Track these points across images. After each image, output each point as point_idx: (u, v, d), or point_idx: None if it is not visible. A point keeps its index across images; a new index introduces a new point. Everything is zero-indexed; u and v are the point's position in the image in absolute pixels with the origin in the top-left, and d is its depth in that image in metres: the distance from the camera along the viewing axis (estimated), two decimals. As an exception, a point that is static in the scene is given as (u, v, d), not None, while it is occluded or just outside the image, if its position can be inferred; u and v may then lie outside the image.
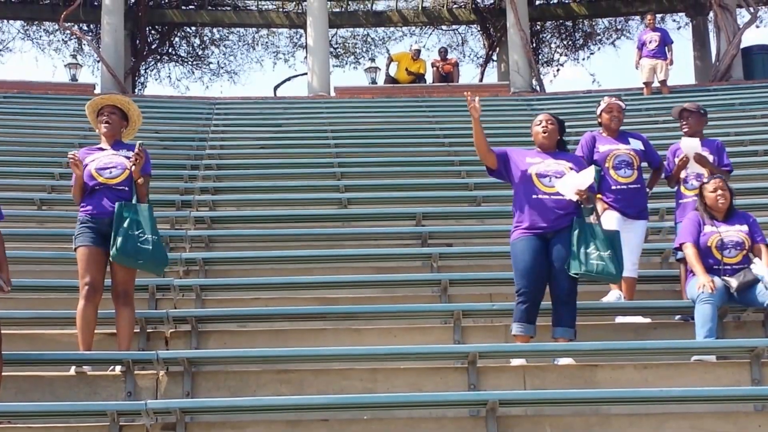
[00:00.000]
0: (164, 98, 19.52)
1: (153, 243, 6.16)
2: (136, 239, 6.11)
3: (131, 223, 6.13)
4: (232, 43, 26.50)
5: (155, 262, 6.27)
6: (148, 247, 6.13)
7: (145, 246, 6.12)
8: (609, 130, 7.52)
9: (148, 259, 6.17)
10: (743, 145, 12.79)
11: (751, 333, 6.76)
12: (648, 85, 17.17)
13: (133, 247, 6.10)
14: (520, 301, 6.29)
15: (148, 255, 6.14)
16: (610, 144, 7.44)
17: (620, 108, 7.52)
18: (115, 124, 6.44)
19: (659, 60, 17.02)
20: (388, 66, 21.00)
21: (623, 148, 7.42)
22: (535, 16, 23.65)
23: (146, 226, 6.16)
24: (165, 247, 6.37)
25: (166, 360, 6.12)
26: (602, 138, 7.52)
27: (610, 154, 7.38)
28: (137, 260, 6.16)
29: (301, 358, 6.30)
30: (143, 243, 6.11)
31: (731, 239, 6.70)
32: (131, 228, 6.12)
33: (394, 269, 8.63)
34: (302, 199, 10.88)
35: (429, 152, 13.30)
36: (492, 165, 6.54)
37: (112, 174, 6.30)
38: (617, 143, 7.44)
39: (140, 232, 6.13)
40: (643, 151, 7.50)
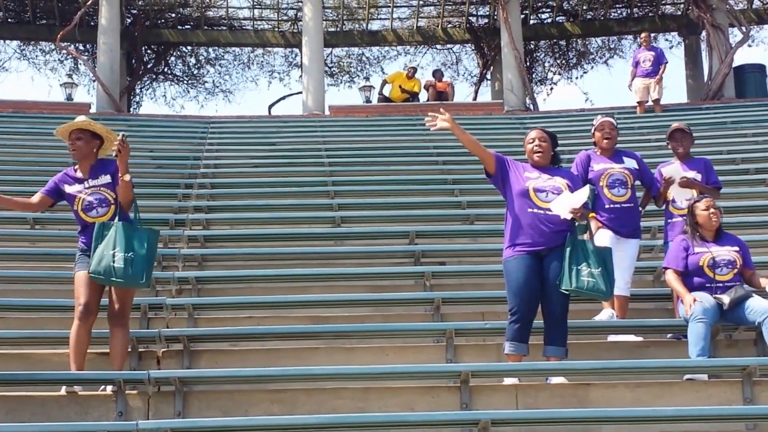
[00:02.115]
0: (159, 117, 19.56)
1: (125, 261, 6.06)
2: (110, 258, 6.06)
3: (108, 242, 6.11)
4: (228, 63, 26.59)
5: (129, 282, 6.15)
6: (120, 266, 6.05)
7: (117, 265, 6.05)
8: (602, 148, 7.55)
9: (121, 276, 6.07)
10: (735, 163, 12.84)
11: (743, 352, 6.77)
12: (641, 104, 17.20)
13: (106, 267, 6.05)
14: (512, 320, 6.28)
15: (121, 273, 6.06)
16: (605, 163, 7.47)
17: (612, 126, 7.54)
18: (81, 148, 6.36)
19: (653, 79, 17.04)
20: (382, 87, 21.06)
21: (617, 167, 7.44)
22: (528, 35, 23.75)
23: (120, 243, 6.09)
24: (149, 263, 6.21)
25: (158, 380, 6.10)
26: (597, 157, 7.54)
27: (604, 173, 7.41)
28: (110, 278, 6.09)
29: (293, 377, 6.28)
30: (116, 261, 6.06)
31: (723, 258, 6.73)
32: (107, 246, 6.09)
33: (388, 288, 8.63)
34: (296, 218, 10.89)
35: (422, 171, 13.33)
36: (490, 169, 6.49)
37: (99, 213, 6.29)
38: (611, 162, 7.47)
39: (114, 251, 6.07)
40: (637, 169, 7.53)
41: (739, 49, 20.35)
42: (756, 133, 14.93)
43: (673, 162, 7.74)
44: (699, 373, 6.24)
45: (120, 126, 17.06)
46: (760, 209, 10.57)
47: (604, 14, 24.22)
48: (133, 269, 6.09)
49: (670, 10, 24.52)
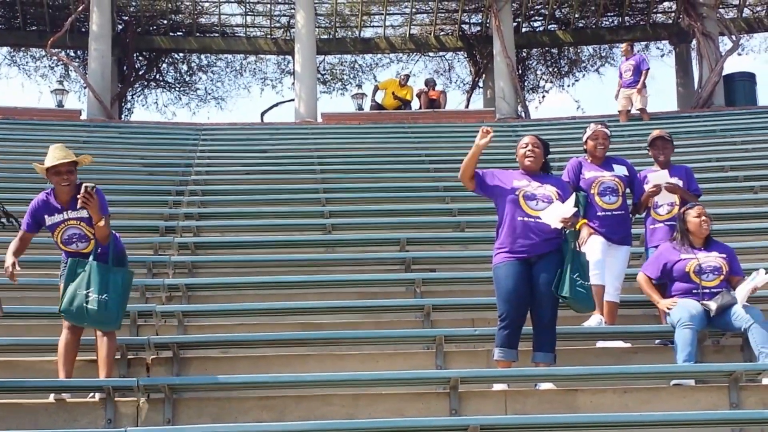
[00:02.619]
0: (150, 124, 19.58)
1: (99, 303, 5.97)
2: (82, 299, 5.97)
3: (81, 281, 6.02)
4: (220, 70, 26.62)
5: (101, 323, 6.06)
6: (94, 308, 5.97)
7: (91, 306, 5.97)
8: (594, 156, 7.59)
9: (93, 320, 6.01)
10: (724, 170, 12.89)
11: (730, 357, 6.80)
12: (621, 113, 17.22)
13: (78, 307, 5.98)
14: (502, 326, 6.31)
15: (93, 316, 5.98)
16: (596, 171, 7.51)
17: (606, 135, 7.58)
18: (73, 182, 6.22)
19: (634, 89, 17.03)
20: (374, 94, 21.10)
21: (608, 174, 7.49)
22: (521, 43, 23.82)
23: (95, 284, 5.99)
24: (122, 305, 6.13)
25: (147, 387, 6.10)
26: (588, 164, 7.58)
27: (595, 180, 7.45)
28: (82, 321, 6.03)
29: (282, 384, 6.29)
30: (89, 303, 5.96)
31: (709, 264, 6.78)
32: (80, 286, 6.00)
33: (378, 295, 8.65)
34: (287, 225, 10.89)
35: (414, 178, 13.36)
36: (470, 188, 6.57)
37: (78, 247, 6.24)
38: (602, 170, 7.51)
39: (88, 291, 5.98)
40: (627, 176, 7.58)
41: (729, 58, 20.46)
42: (745, 141, 15.01)
43: (656, 169, 7.76)
44: (686, 379, 6.28)
45: (111, 133, 17.14)
46: (748, 216, 10.63)
47: (595, 22, 24.32)
48: (106, 312, 6.00)
49: (661, 19, 24.64)
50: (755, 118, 17.33)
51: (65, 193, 6.22)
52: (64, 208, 6.25)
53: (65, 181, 6.18)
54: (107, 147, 15.59)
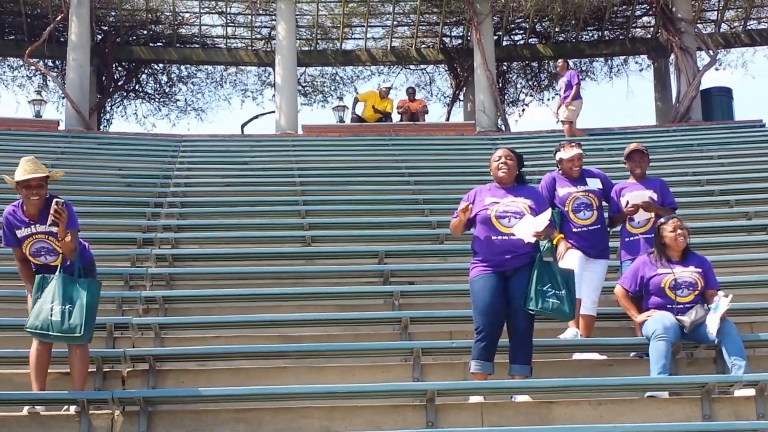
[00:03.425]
0: (129, 135, 19.49)
1: (62, 313, 5.92)
2: (48, 312, 5.92)
3: (47, 295, 5.98)
4: (200, 81, 26.47)
5: (66, 335, 5.98)
6: (57, 319, 5.90)
7: (54, 318, 5.91)
8: (569, 176, 7.61)
9: (57, 330, 5.93)
10: (700, 184, 13.00)
11: (703, 369, 6.85)
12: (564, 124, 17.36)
13: (44, 321, 5.93)
14: (478, 338, 6.34)
15: (57, 328, 5.92)
16: (569, 187, 7.53)
17: (581, 156, 7.62)
18: (43, 197, 6.13)
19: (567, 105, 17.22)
20: (354, 106, 21.13)
21: (581, 190, 7.50)
22: (501, 56, 23.92)
23: (59, 296, 5.94)
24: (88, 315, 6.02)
25: (122, 399, 6.10)
26: (562, 180, 7.60)
27: (569, 197, 7.48)
28: (48, 333, 5.96)
29: (259, 396, 6.29)
30: (54, 315, 5.91)
31: (685, 279, 6.81)
32: (45, 300, 5.96)
33: (357, 307, 8.65)
34: (266, 237, 10.87)
35: (394, 191, 13.38)
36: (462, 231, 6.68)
37: (47, 260, 6.20)
38: (575, 186, 7.53)
39: (53, 304, 5.94)
40: (601, 190, 7.60)
41: (706, 73, 20.62)
42: (721, 155, 15.14)
43: (632, 182, 7.80)
44: (660, 391, 6.34)
45: (89, 144, 17.08)
46: (724, 230, 10.71)
47: (575, 37, 24.45)
48: (70, 322, 5.93)
49: (640, 34, 24.81)
50: (732, 133, 17.50)
51: (34, 206, 6.14)
52: (32, 221, 6.16)
53: (35, 195, 6.10)
54: (85, 158, 15.55)
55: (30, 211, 6.18)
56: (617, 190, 7.74)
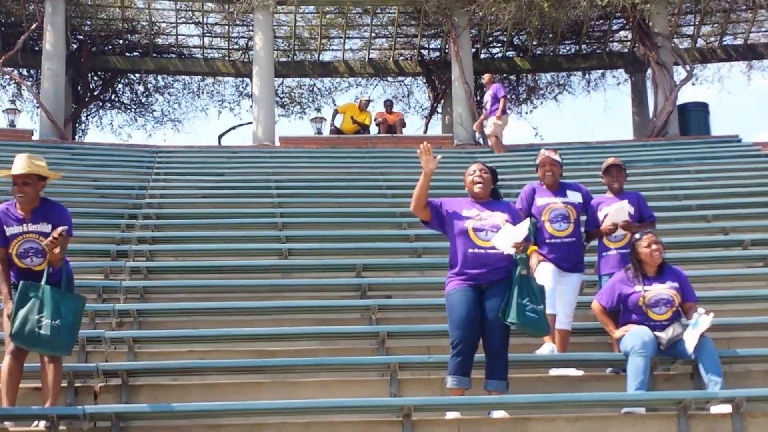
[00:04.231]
0: (105, 146, 19.31)
1: (52, 328, 5.86)
2: (35, 323, 5.86)
3: (33, 305, 5.90)
4: (177, 91, 26.34)
5: (53, 349, 5.96)
6: (46, 333, 5.85)
7: (43, 332, 5.85)
8: (546, 183, 7.61)
9: (44, 345, 5.90)
10: (677, 199, 13.04)
11: (680, 385, 6.85)
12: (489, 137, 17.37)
13: (30, 332, 5.86)
14: (454, 353, 6.31)
15: (45, 341, 5.87)
16: (548, 197, 7.52)
17: (552, 161, 7.59)
18: (30, 194, 6.12)
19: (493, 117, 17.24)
20: (333, 117, 21.10)
21: (560, 201, 7.49)
22: (479, 69, 23.91)
23: (48, 309, 5.89)
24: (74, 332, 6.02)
25: (93, 415, 6.01)
26: (541, 190, 7.59)
27: (546, 207, 7.46)
28: (33, 346, 5.92)
29: (234, 412, 6.22)
30: (41, 328, 5.85)
31: (661, 297, 6.81)
32: (32, 311, 5.89)
33: (334, 321, 8.60)
34: (243, 250, 10.80)
35: (371, 203, 13.34)
36: (425, 218, 6.57)
37: (33, 262, 6.14)
38: (555, 197, 7.52)
39: (41, 316, 5.87)
40: (581, 203, 7.58)
41: (683, 87, 20.73)
42: (698, 170, 15.21)
43: (610, 196, 7.80)
44: (637, 407, 6.33)
45: (64, 154, 16.92)
46: (700, 245, 10.74)
47: (553, 50, 24.56)
48: (59, 337, 5.90)
49: (617, 48, 24.95)
50: (709, 148, 17.60)
51: (23, 203, 6.13)
52: (25, 219, 6.14)
53: (20, 192, 6.10)
54: (60, 168, 15.32)
55: (22, 208, 6.15)
56: (594, 204, 7.74)
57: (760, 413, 6.21)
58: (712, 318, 6.61)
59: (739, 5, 22.79)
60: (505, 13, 19.75)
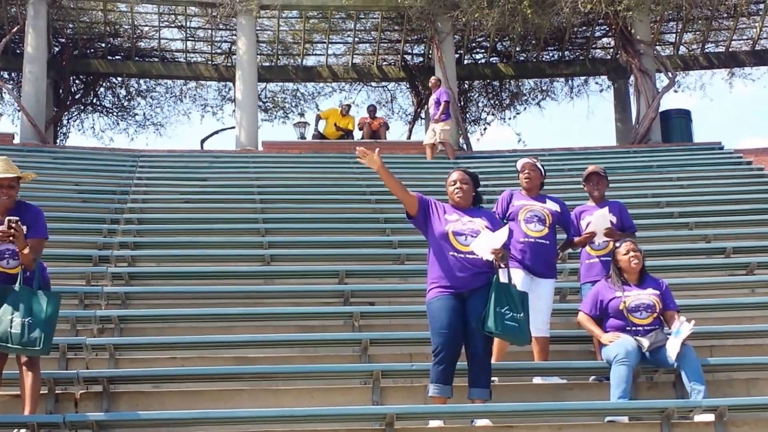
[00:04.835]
0: (86, 150, 19.18)
1: (22, 326, 5.83)
2: (8, 324, 5.82)
3: (7, 307, 5.86)
4: (159, 95, 26.23)
5: (25, 348, 5.88)
6: (17, 331, 5.80)
7: (14, 330, 5.81)
8: (524, 189, 7.60)
9: (17, 342, 5.83)
10: (660, 206, 13.08)
11: (663, 394, 6.85)
12: (427, 146, 17.35)
13: (3, 332, 5.82)
14: (436, 361, 6.27)
15: (16, 339, 5.81)
16: (525, 200, 7.51)
17: (533, 167, 7.59)
18: (13, 197, 6.10)
19: (438, 123, 17.21)
20: (317, 123, 21.07)
21: (538, 205, 7.48)
22: (463, 75, 24.01)
23: (19, 307, 5.85)
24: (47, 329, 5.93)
25: (74, 423, 5.95)
26: (519, 195, 7.59)
27: (523, 208, 7.44)
28: (6, 344, 5.85)
29: (214, 420, 6.17)
30: (13, 327, 5.81)
31: (642, 302, 6.84)
32: (5, 312, 5.85)
33: (316, 328, 8.57)
34: (225, 256, 10.75)
35: (354, 209, 13.31)
36: (412, 211, 6.52)
37: (9, 264, 6.07)
38: (532, 201, 7.51)
39: (13, 316, 5.83)
40: (558, 212, 7.56)
41: (665, 94, 20.83)
42: (681, 177, 15.26)
43: (591, 204, 7.81)
44: (620, 415, 6.32)
45: (45, 158, 16.80)
46: (683, 252, 10.77)
47: (536, 56, 24.63)
48: (29, 334, 5.85)
49: (600, 55, 25.06)
50: (691, 155, 17.68)
51: (3, 206, 6.08)
52: (1, 222, 6.03)
53: (5, 195, 6.06)
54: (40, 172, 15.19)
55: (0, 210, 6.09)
56: (577, 213, 7.78)
57: (743, 422, 6.22)
58: (693, 325, 6.62)
59: (720, 13, 22.93)
60: (489, 19, 19.78)
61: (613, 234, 7.46)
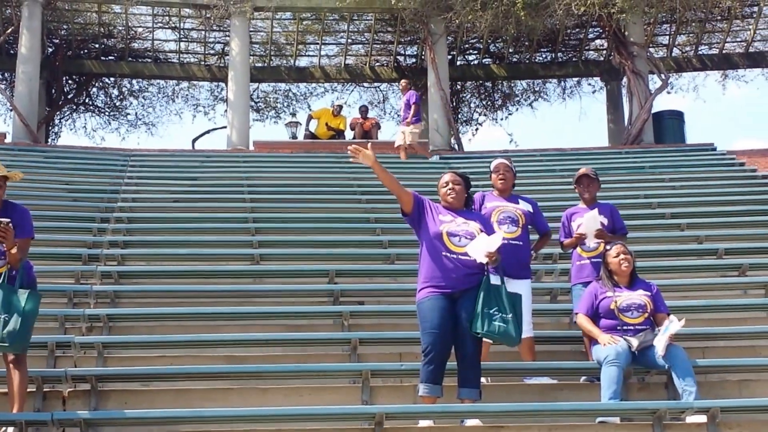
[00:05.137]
0: (77, 149, 19.10)
1: (3, 322, 5.77)
2: None
3: None
4: (152, 95, 26.20)
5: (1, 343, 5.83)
6: None
7: None
8: (498, 189, 7.58)
9: None
10: (652, 207, 13.06)
11: (655, 395, 6.83)
12: (398, 148, 17.35)
13: None
14: (426, 361, 6.24)
15: None
16: (499, 201, 7.49)
17: (507, 167, 7.59)
18: (1, 196, 6.08)
19: (408, 126, 17.24)
20: (308, 123, 21.03)
21: (510, 206, 7.45)
22: (455, 75, 24.02)
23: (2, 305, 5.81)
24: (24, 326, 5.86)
25: (62, 421, 5.93)
26: (492, 197, 7.57)
27: (496, 209, 7.41)
28: None
29: (203, 419, 6.14)
30: None
31: (634, 302, 6.85)
32: None
33: (305, 327, 8.54)
34: (215, 255, 10.70)
35: (345, 209, 13.26)
36: (407, 208, 6.50)
37: None
38: (505, 202, 7.48)
39: None
40: (531, 213, 7.53)
41: (658, 96, 20.84)
42: (673, 178, 15.25)
43: (583, 207, 7.79)
44: (611, 416, 6.29)
45: (36, 157, 16.74)
46: (675, 253, 10.76)
47: (529, 58, 24.64)
48: (3, 330, 5.78)
49: (593, 56, 25.09)
50: (683, 156, 17.67)
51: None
52: None
53: None
54: (32, 171, 15.17)
55: None
56: (568, 215, 7.78)
57: (736, 423, 6.20)
58: (683, 324, 6.60)
59: (714, 15, 22.95)
60: (482, 21, 19.77)
61: (603, 235, 7.44)
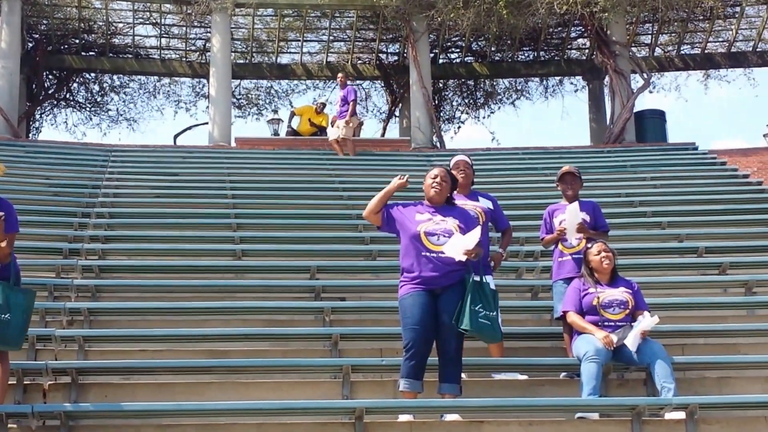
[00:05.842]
0: (58, 144, 19.05)
1: (1, 322, 5.74)
2: None
3: None
4: (133, 91, 26.08)
5: (3, 343, 5.84)
6: None
7: None
8: (459, 186, 7.59)
9: None
10: (633, 206, 13.14)
11: (634, 391, 6.87)
12: (333, 143, 17.47)
13: None
14: (407, 356, 6.27)
15: None
16: (460, 200, 7.49)
17: (467, 164, 7.62)
18: None
19: (342, 119, 17.39)
20: (291, 120, 21.02)
21: (470, 204, 7.46)
22: (437, 74, 24.05)
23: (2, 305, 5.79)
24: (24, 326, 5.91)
25: (42, 414, 5.91)
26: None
27: None
28: None
29: (184, 412, 6.14)
30: None
31: (615, 298, 6.89)
32: None
33: (287, 323, 8.54)
34: (196, 250, 10.70)
35: (327, 205, 13.29)
36: (378, 223, 6.58)
37: None
38: (465, 200, 7.49)
39: None
40: (491, 210, 7.56)
41: (640, 95, 20.96)
42: (654, 177, 15.33)
43: (564, 204, 7.82)
44: (590, 412, 6.32)
45: (17, 151, 16.65)
46: (655, 252, 10.83)
47: (511, 56, 24.71)
48: (8, 331, 5.78)
49: (575, 55, 25.18)
50: (665, 155, 17.76)
51: None
52: None
53: None
54: (12, 166, 15.10)
55: None
56: (550, 211, 7.82)
57: (714, 420, 6.24)
58: (657, 321, 6.65)
59: (696, 15, 23.09)
60: (464, 19, 19.81)
61: (584, 230, 7.48)
